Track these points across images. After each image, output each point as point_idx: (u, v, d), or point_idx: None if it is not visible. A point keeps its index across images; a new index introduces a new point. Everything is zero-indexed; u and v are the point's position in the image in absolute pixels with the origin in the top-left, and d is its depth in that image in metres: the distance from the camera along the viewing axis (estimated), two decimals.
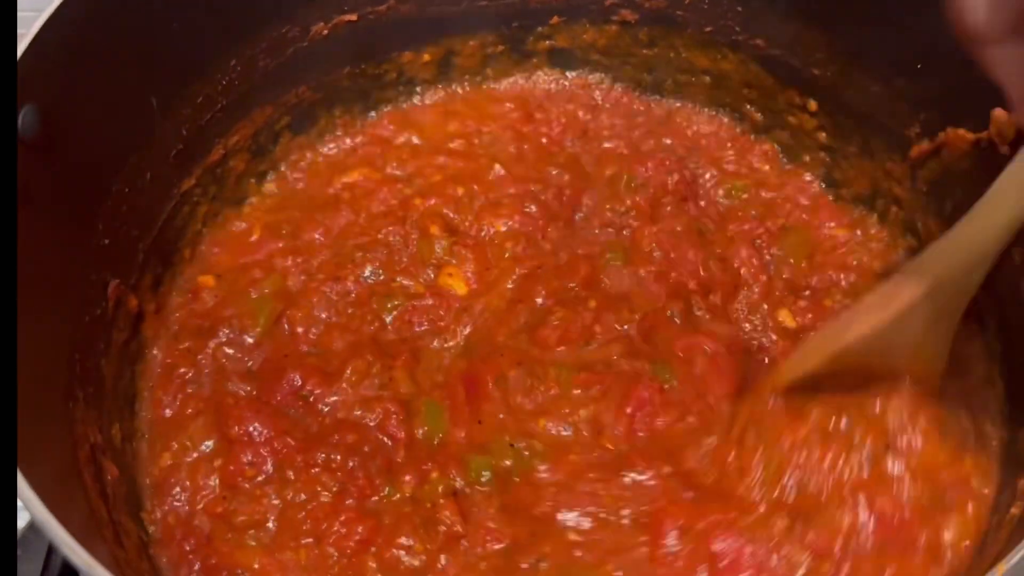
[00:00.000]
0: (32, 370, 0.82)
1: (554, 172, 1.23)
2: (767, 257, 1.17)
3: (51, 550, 1.08)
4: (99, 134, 0.97)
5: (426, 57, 1.27)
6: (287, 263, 1.14)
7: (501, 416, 1.03)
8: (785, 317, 1.12)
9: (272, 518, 0.96)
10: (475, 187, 1.20)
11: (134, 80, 1.00)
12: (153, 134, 1.06)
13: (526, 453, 1.00)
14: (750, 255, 1.16)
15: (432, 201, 1.18)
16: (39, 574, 1.06)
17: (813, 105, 1.22)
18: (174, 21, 1.01)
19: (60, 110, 0.89)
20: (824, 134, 1.23)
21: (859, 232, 1.20)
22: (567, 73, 1.33)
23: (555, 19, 1.27)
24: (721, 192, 1.24)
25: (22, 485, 0.70)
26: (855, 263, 1.17)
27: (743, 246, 1.16)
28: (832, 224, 1.21)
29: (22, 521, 1.07)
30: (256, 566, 0.94)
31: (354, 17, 1.18)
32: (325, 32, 1.18)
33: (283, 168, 1.24)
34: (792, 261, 1.17)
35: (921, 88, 1.07)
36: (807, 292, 1.14)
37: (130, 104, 1.01)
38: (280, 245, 1.16)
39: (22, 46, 0.85)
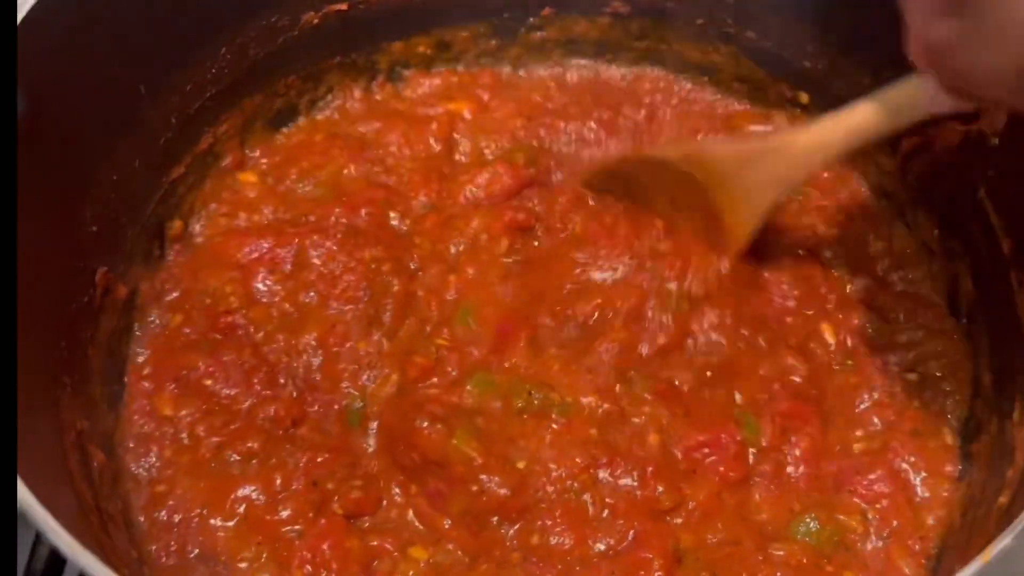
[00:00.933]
0: (18, 357, 0.82)
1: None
2: None
3: (37, 540, 1.08)
4: (87, 120, 0.97)
5: (419, 48, 1.27)
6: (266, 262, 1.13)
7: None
8: None
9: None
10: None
11: (123, 67, 1.00)
12: (142, 122, 1.06)
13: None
14: None
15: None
16: (25, 564, 1.06)
17: (804, 98, 1.22)
18: (164, 8, 1.01)
19: (48, 96, 0.89)
20: None
21: None
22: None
23: (547, 10, 1.27)
24: None
25: None
26: None
27: None
28: None
29: None
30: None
31: (344, 6, 1.18)
32: (315, 21, 1.18)
33: (271, 156, 1.23)
34: None
35: None
36: None
37: (119, 91, 1.01)
38: (258, 245, 1.14)
39: None
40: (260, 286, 1.10)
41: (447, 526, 0.96)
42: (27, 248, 0.87)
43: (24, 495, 0.70)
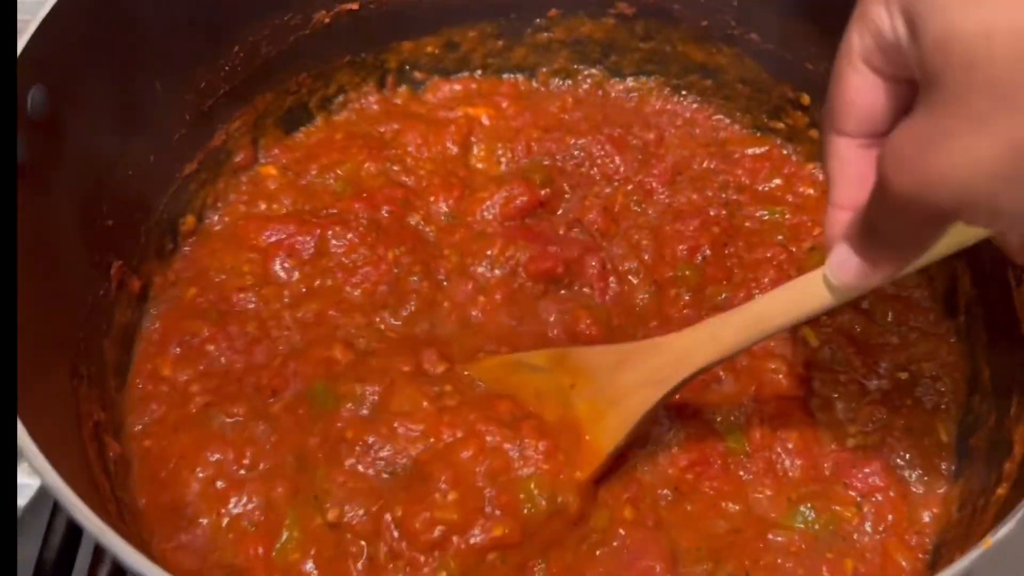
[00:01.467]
0: (39, 349, 0.83)
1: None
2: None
3: (49, 530, 1.09)
4: (104, 116, 0.99)
5: (427, 47, 1.29)
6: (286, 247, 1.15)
7: None
8: None
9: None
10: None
11: (140, 64, 1.01)
12: (157, 118, 1.07)
13: None
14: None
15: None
16: (37, 552, 1.08)
17: (806, 99, 1.23)
18: (181, 7, 1.02)
19: (67, 91, 0.90)
20: (817, 131, 1.24)
21: None
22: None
23: (553, 11, 1.28)
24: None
25: (34, 451, 0.71)
26: None
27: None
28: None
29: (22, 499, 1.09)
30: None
31: (356, 6, 1.20)
32: (327, 20, 1.19)
33: (291, 152, 1.25)
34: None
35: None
36: None
37: (135, 88, 1.02)
38: (280, 230, 1.16)
39: (33, 27, 0.86)
40: (278, 268, 1.13)
41: None
42: (47, 242, 0.89)
43: (50, 475, 0.71)
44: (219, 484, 0.97)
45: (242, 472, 0.97)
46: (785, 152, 1.27)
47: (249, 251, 1.14)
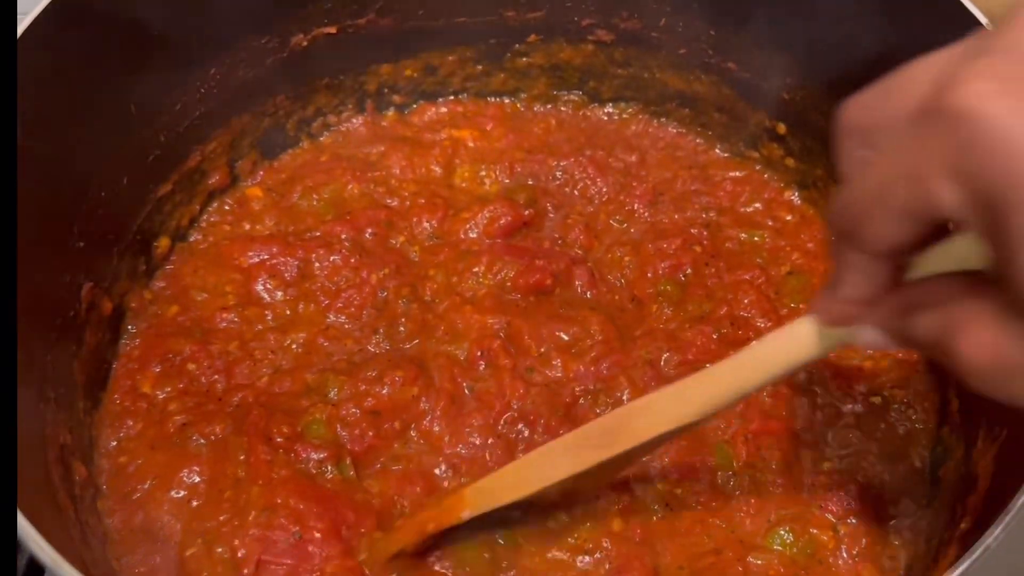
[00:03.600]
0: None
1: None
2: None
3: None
4: (78, 137, 0.99)
5: (406, 71, 1.29)
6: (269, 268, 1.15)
7: None
8: None
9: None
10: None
11: (115, 86, 1.02)
12: (131, 140, 1.07)
13: None
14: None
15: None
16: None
17: (782, 128, 1.25)
18: (156, 29, 1.03)
19: (41, 112, 0.90)
20: (792, 159, 1.26)
21: None
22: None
23: (533, 37, 1.29)
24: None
25: None
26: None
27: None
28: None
29: None
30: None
31: (333, 30, 1.20)
32: (304, 43, 1.20)
33: (276, 174, 1.26)
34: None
35: None
36: None
37: (110, 110, 1.03)
38: (263, 251, 1.17)
39: None
40: (260, 289, 1.13)
41: None
42: (18, 263, 0.89)
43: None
44: (194, 504, 0.97)
45: (216, 494, 0.97)
46: (765, 177, 1.28)
47: (232, 271, 1.14)
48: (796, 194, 1.26)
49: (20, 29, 0.88)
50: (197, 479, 0.98)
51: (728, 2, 1.19)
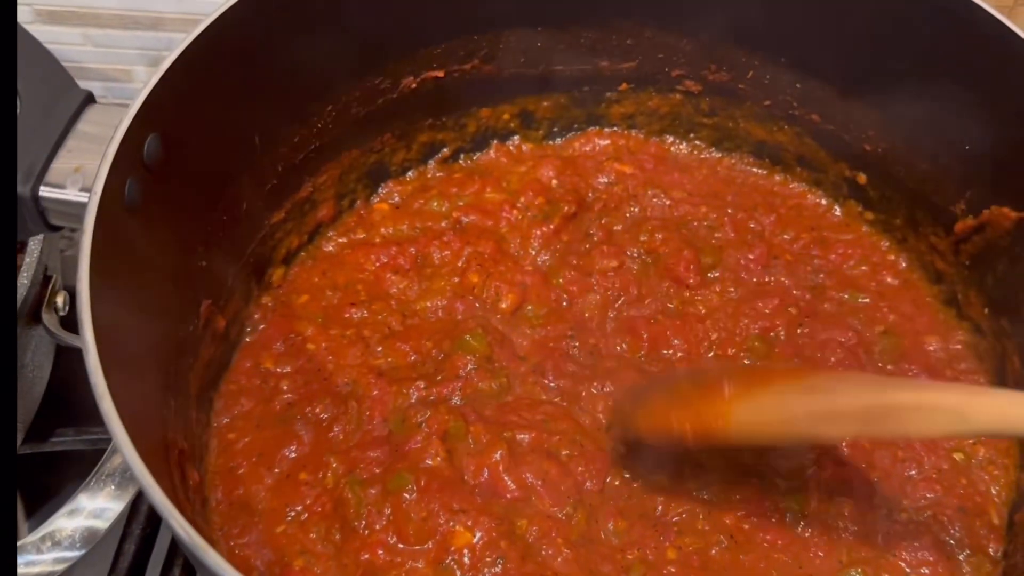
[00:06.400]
0: (139, 375, 0.90)
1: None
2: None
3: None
4: (207, 166, 1.04)
5: (503, 115, 1.35)
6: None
7: None
8: None
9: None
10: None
11: (243, 119, 1.08)
12: (252, 169, 1.13)
13: None
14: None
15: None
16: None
17: (862, 178, 1.28)
18: (288, 66, 1.09)
19: (178, 141, 0.96)
20: (871, 212, 1.29)
21: None
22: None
23: (624, 86, 1.34)
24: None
25: (135, 460, 0.75)
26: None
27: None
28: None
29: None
30: None
31: (441, 73, 1.26)
32: (413, 85, 1.25)
33: (363, 207, 1.31)
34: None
35: (968, 167, 1.13)
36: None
37: (237, 140, 1.09)
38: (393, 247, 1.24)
39: (154, 80, 0.92)
40: (389, 284, 1.21)
41: None
42: (150, 276, 0.95)
43: (144, 477, 0.76)
44: (288, 482, 1.02)
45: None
46: (873, 239, 1.30)
47: (360, 272, 1.22)
48: (902, 256, 1.28)
49: (165, 66, 0.94)
50: (295, 455, 1.04)
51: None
